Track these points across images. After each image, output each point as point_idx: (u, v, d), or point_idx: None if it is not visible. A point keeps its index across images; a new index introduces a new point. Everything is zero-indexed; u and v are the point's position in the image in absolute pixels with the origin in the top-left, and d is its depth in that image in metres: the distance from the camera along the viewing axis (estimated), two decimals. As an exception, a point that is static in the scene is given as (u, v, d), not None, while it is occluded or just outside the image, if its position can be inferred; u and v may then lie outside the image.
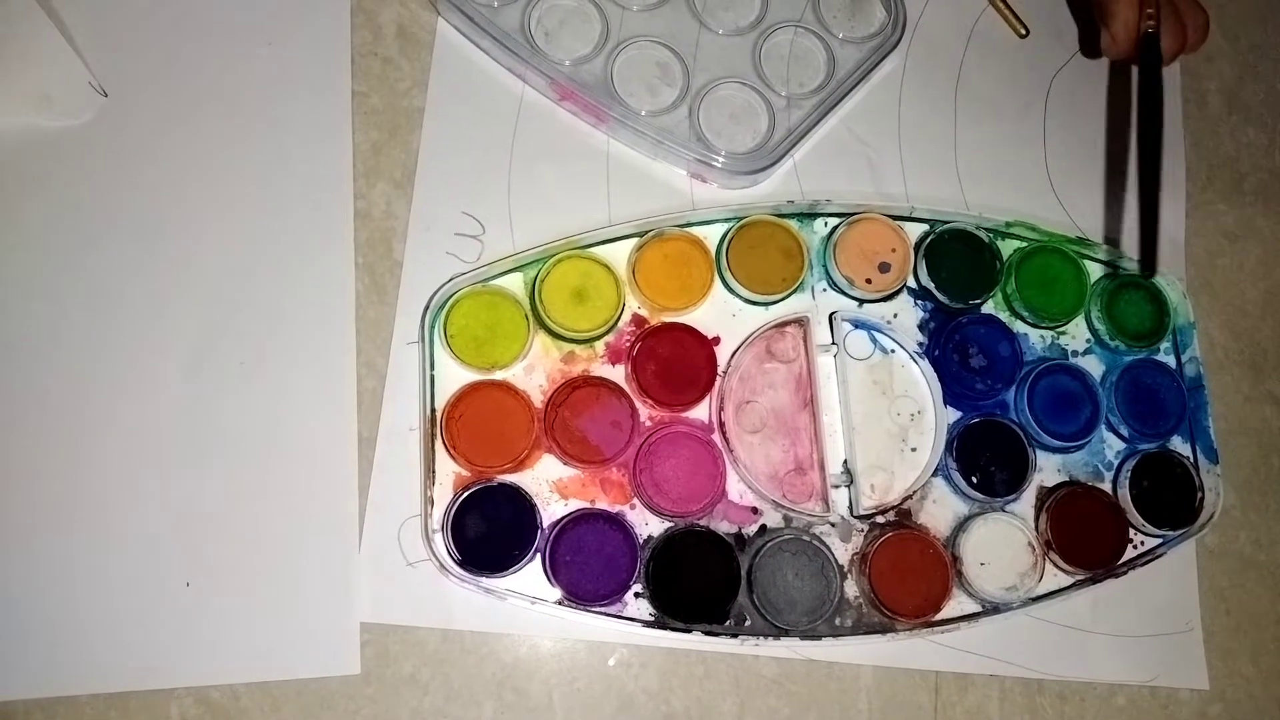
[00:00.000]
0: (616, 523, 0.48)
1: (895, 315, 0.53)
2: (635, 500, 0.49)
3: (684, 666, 0.49)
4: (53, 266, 0.49)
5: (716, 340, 0.51)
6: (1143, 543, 0.53)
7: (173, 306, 0.49)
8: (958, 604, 0.50)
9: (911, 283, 0.53)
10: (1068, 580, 0.52)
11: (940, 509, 0.52)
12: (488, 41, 0.52)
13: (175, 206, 0.50)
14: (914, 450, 0.52)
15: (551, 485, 0.49)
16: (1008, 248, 0.54)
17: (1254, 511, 0.56)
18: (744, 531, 0.50)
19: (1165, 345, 0.55)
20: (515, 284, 0.50)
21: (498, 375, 0.49)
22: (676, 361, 0.50)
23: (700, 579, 0.48)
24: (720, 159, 0.52)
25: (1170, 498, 0.53)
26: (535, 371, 0.50)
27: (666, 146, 0.52)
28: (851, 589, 0.50)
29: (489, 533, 0.47)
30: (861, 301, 0.53)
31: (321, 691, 0.47)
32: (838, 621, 0.49)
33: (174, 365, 0.48)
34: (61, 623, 0.46)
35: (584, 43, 0.53)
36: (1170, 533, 0.53)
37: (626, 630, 0.48)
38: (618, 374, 0.50)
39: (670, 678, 0.49)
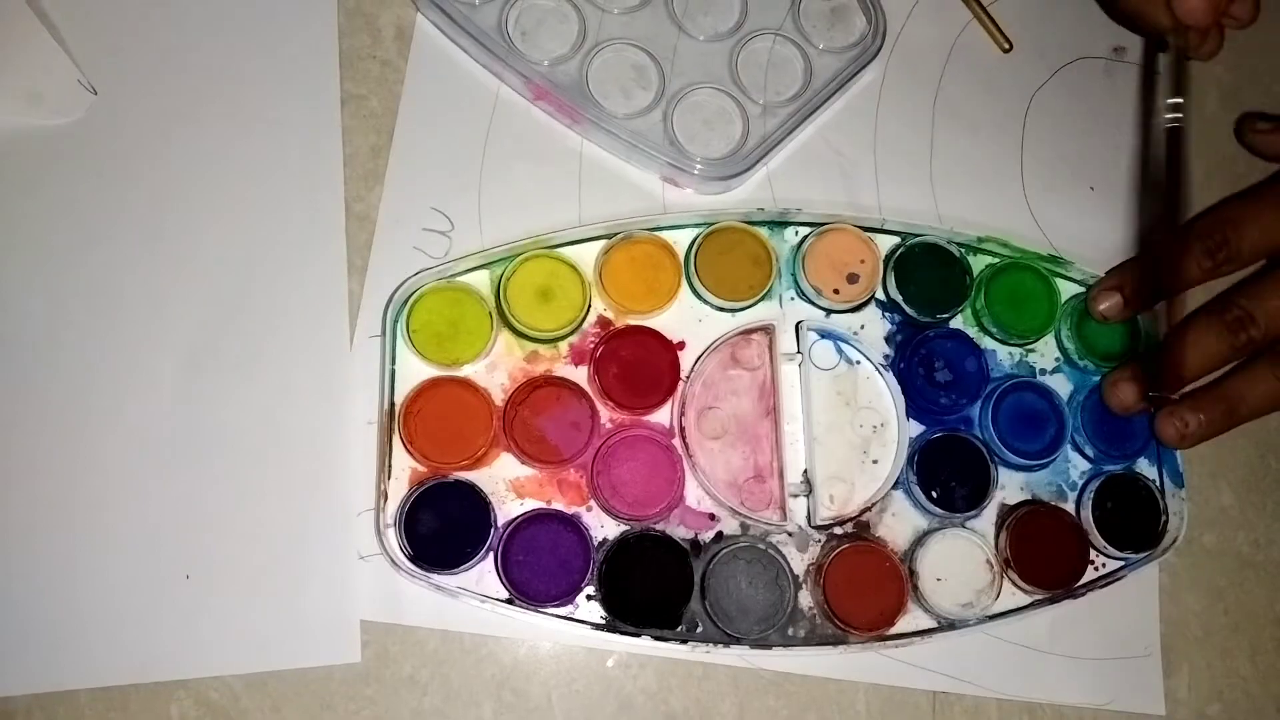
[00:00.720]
0: (571, 524, 0.48)
1: (862, 327, 0.53)
2: (592, 502, 0.49)
3: (683, 667, 0.49)
4: (44, 266, 0.49)
5: (681, 345, 0.51)
6: (1104, 565, 0.52)
7: (168, 304, 0.49)
8: (912, 619, 0.50)
9: (880, 295, 0.53)
10: (1025, 599, 0.51)
11: (899, 522, 0.51)
12: (465, 39, 0.53)
13: (167, 205, 0.50)
14: (875, 462, 0.52)
15: (508, 484, 0.49)
16: (979, 263, 0.54)
17: (1252, 511, 0.56)
18: (700, 538, 0.50)
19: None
20: (481, 281, 0.50)
21: (459, 372, 0.49)
22: (639, 365, 0.50)
23: (653, 583, 0.48)
24: (694, 165, 0.52)
25: (1134, 520, 0.52)
26: (497, 370, 0.50)
27: (639, 150, 0.52)
28: (805, 599, 0.50)
29: (442, 529, 0.47)
30: (829, 312, 0.53)
31: (321, 692, 0.47)
32: (790, 632, 0.49)
33: (171, 362, 0.49)
34: (62, 617, 0.46)
35: (561, 43, 0.53)
36: (1132, 555, 0.52)
37: (580, 633, 0.48)
38: (580, 375, 0.50)
39: (669, 679, 0.49)
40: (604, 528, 0.49)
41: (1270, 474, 0.57)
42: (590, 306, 0.50)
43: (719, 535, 0.50)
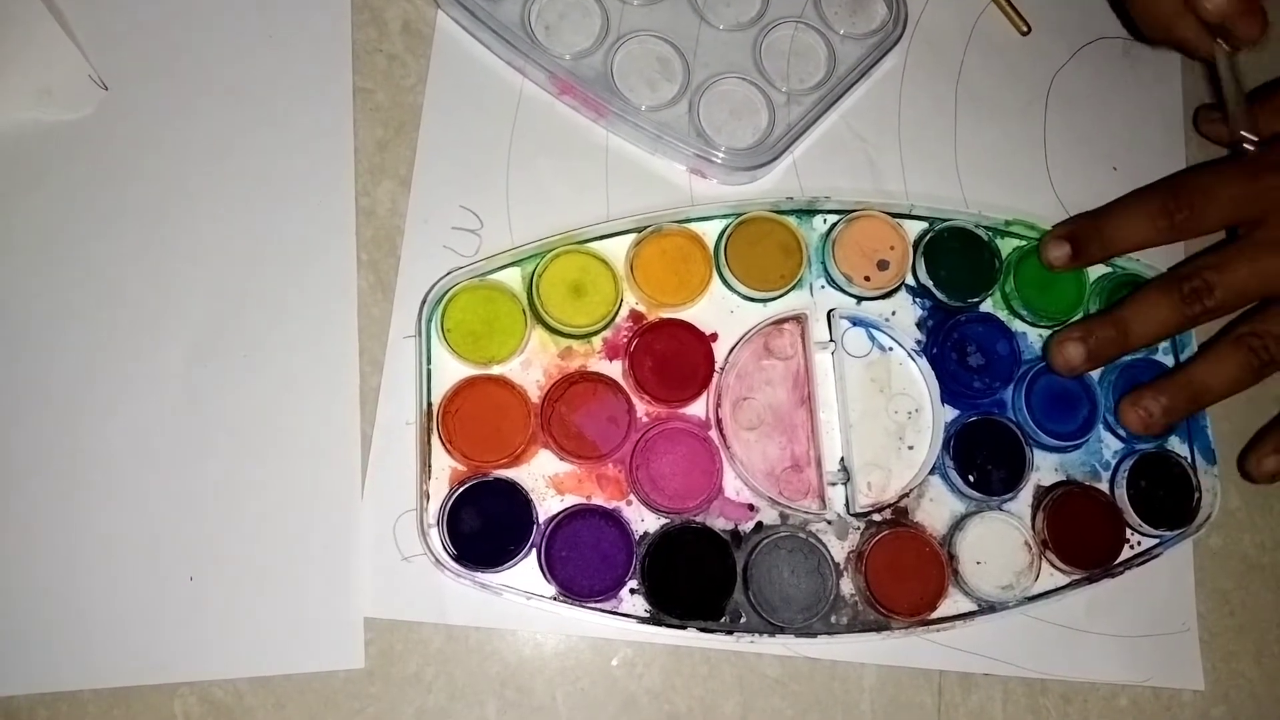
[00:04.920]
0: (612, 519, 0.48)
1: (893, 313, 0.53)
2: (631, 496, 0.49)
3: (687, 666, 0.49)
4: (54, 261, 0.49)
5: (714, 337, 0.51)
6: (1139, 543, 0.53)
7: (174, 301, 0.49)
8: (953, 602, 0.50)
9: (910, 280, 0.53)
10: (1064, 580, 0.52)
11: (937, 507, 0.51)
12: (487, 35, 0.52)
13: (177, 199, 0.50)
14: (911, 448, 0.52)
15: (548, 481, 0.49)
16: (1007, 246, 0.54)
17: (1258, 514, 0.56)
18: (740, 528, 0.50)
19: (1164, 345, 0.55)
20: (513, 278, 0.50)
21: (494, 370, 0.49)
22: (674, 358, 0.50)
23: (696, 576, 0.48)
24: (720, 155, 0.52)
25: (1167, 498, 0.52)
26: (532, 367, 0.50)
27: (666, 141, 0.52)
28: (847, 586, 0.50)
29: (484, 528, 0.47)
30: (860, 299, 0.53)
31: (325, 690, 0.47)
32: (833, 619, 0.49)
33: (176, 360, 0.48)
34: (64, 617, 0.46)
35: (584, 37, 0.53)
36: (1167, 533, 0.52)
37: (625, 627, 0.48)
38: (615, 370, 0.50)
39: (673, 678, 0.49)
40: (644, 521, 0.49)
41: (1277, 476, 0.57)
42: (622, 301, 0.50)
43: (759, 525, 0.50)
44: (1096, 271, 0.55)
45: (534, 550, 0.48)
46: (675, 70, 0.54)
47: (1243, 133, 0.52)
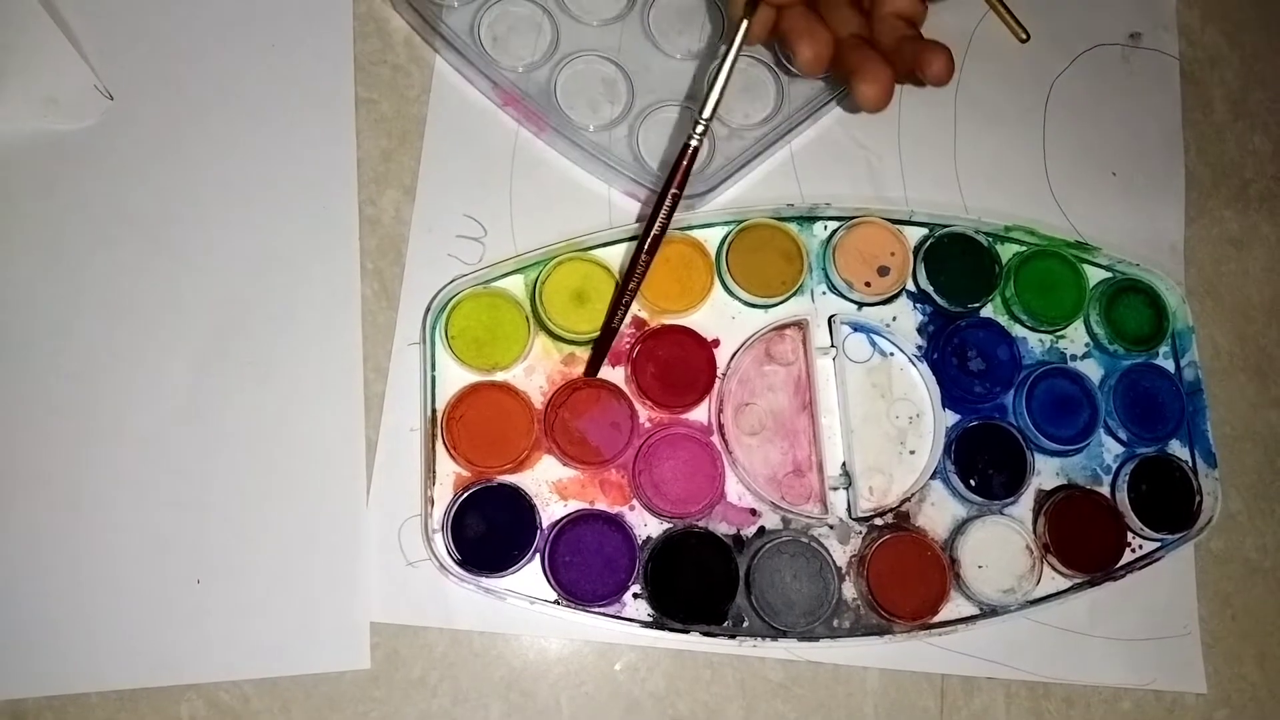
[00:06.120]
0: (615, 523, 0.49)
1: (894, 318, 0.53)
2: (634, 501, 0.49)
3: (690, 670, 0.49)
4: (59, 269, 0.49)
5: (716, 343, 0.52)
6: (1141, 546, 0.53)
7: (180, 309, 0.50)
8: (955, 606, 0.51)
9: (910, 286, 0.54)
10: (1066, 583, 0.52)
11: (938, 511, 0.52)
12: (438, 41, 0.52)
13: (181, 209, 0.51)
14: (912, 453, 0.52)
15: (551, 486, 0.49)
16: (1007, 251, 0.54)
17: (1260, 517, 0.56)
18: (742, 533, 0.50)
19: (1164, 349, 0.56)
20: (516, 286, 0.51)
21: (498, 376, 0.49)
22: (676, 364, 0.51)
23: (698, 580, 0.49)
24: (652, 181, 0.52)
25: (1168, 501, 0.53)
26: (535, 373, 0.50)
27: (601, 162, 0.52)
28: (849, 590, 0.50)
29: (488, 533, 0.48)
30: (860, 304, 0.53)
31: (330, 694, 0.47)
32: (835, 623, 0.49)
33: (182, 367, 0.49)
34: (72, 620, 0.46)
35: (531, 51, 0.53)
36: (1168, 536, 0.53)
37: (628, 632, 0.48)
38: (617, 376, 0.51)
39: (676, 681, 0.49)
40: (647, 526, 0.49)
41: (1278, 479, 0.57)
42: (625, 307, 0.51)
43: (761, 530, 0.50)
44: (1097, 276, 0.55)
45: (538, 555, 0.48)
46: (619, 93, 0.53)
47: None
